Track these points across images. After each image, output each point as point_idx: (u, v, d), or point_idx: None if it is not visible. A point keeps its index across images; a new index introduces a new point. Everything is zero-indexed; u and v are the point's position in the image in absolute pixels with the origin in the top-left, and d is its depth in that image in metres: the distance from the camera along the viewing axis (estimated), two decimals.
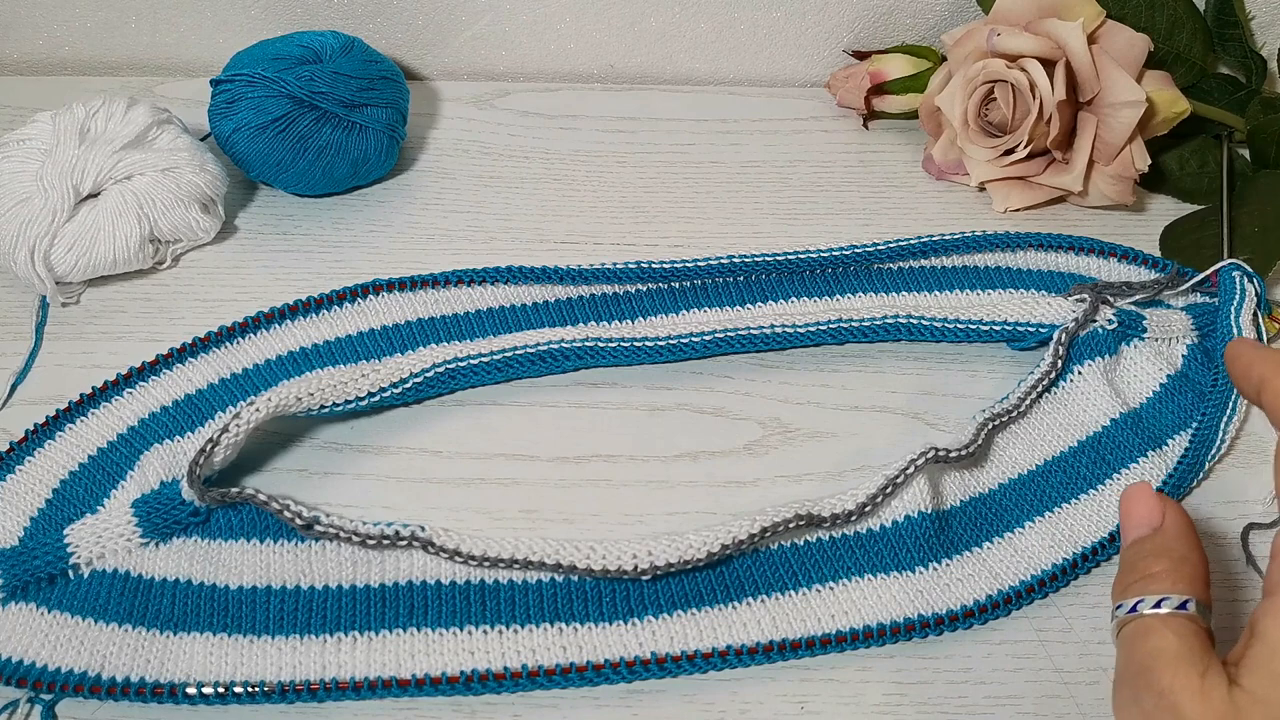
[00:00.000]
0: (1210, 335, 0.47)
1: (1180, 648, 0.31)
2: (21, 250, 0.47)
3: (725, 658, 0.39)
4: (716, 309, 0.50)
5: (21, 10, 0.60)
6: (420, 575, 0.40)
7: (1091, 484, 0.44)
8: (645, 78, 0.63)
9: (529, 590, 0.40)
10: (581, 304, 0.50)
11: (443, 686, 0.38)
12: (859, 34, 0.62)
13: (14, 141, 0.49)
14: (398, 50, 0.62)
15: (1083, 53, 0.50)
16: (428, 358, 0.46)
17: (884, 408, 0.47)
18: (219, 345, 0.47)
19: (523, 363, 0.46)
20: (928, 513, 0.41)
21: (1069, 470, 0.44)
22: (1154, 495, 0.35)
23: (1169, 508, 0.35)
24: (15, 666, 0.37)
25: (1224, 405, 0.45)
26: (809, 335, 0.48)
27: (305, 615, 0.39)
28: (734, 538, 0.39)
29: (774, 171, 0.57)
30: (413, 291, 0.49)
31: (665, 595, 0.40)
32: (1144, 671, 0.31)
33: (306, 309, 0.48)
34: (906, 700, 0.39)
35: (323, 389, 0.43)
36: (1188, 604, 0.32)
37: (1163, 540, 0.34)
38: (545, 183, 0.56)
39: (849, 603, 0.40)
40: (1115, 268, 0.51)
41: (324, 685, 0.37)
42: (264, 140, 0.50)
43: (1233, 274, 0.48)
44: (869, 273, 0.51)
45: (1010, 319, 0.48)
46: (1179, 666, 0.30)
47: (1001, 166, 0.54)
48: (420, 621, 0.39)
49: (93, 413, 0.44)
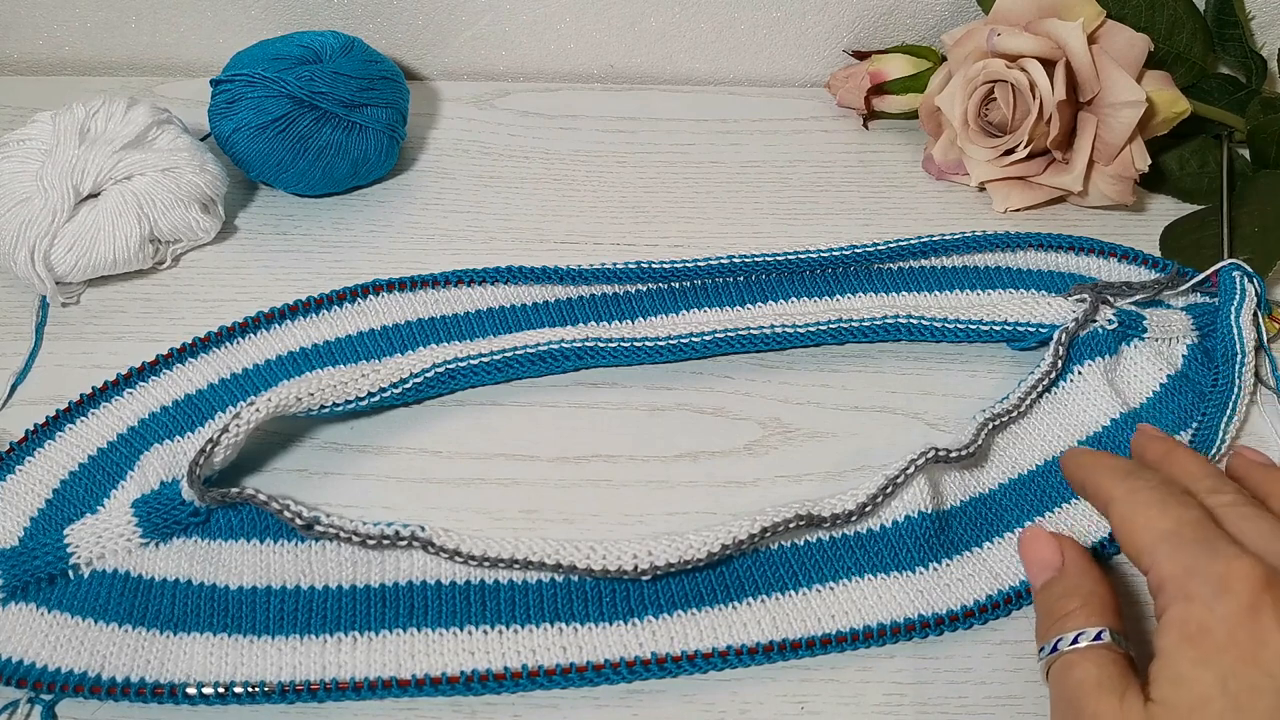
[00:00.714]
0: (1210, 335, 0.47)
1: (1100, 676, 0.33)
2: (21, 250, 0.47)
3: (725, 658, 0.38)
4: (716, 309, 0.50)
5: (21, 10, 0.60)
6: (420, 575, 0.40)
7: None
8: (645, 78, 0.63)
9: (529, 590, 0.40)
10: (581, 304, 0.50)
11: (443, 686, 0.38)
12: (859, 34, 0.62)
13: (14, 141, 0.49)
14: (398, 50, 0.62)
15: (1083, 53, 0.50)
16: (428, 358, 0.46)
17: (884, 408, 0.47)
18: (219, 345, 0.47)
19: (523, 363, 0.46)
20: (928, 513, 0.41)
21: None
22: (1050, 537, 0.39)
23: (1066, 546, 0.38)
24: (15, 667, 0.37)
25: (1224, 406, 0.45)
26: (809, 335, 0.48)
27: (305, 615, 0.39)
28: (734, 538, 0.39)
29: (774, 171, 0.57)
30: (413, 291, 0.49)
31: (665, 595, 0.40)
32: (1071, 704, 0.33)
33: (306, 309, 0.48)
34: (906, 700, 0.39)
35: (323, 389, 0.43)
36: (1102, 634, 0.34)
37: (1068, 580, 0.37)
38: (545, 183, 0.56)
39: (849, 603, 0.40)
40: (1115, 268, 0.51)
41: (324, 685, 0.37)
42: (264, 140, 0.50)
43: (1233, 274, 0.48)
44: (869, 273, 0.51)
45: (1010, 319, 0.48)
46: (1100, 694, 0.33)
47: (1001, 166, 0.54)
48: (420, 622, 0.39)
49: (93, 413, 0.44)
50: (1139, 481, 0.37)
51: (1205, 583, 0.32)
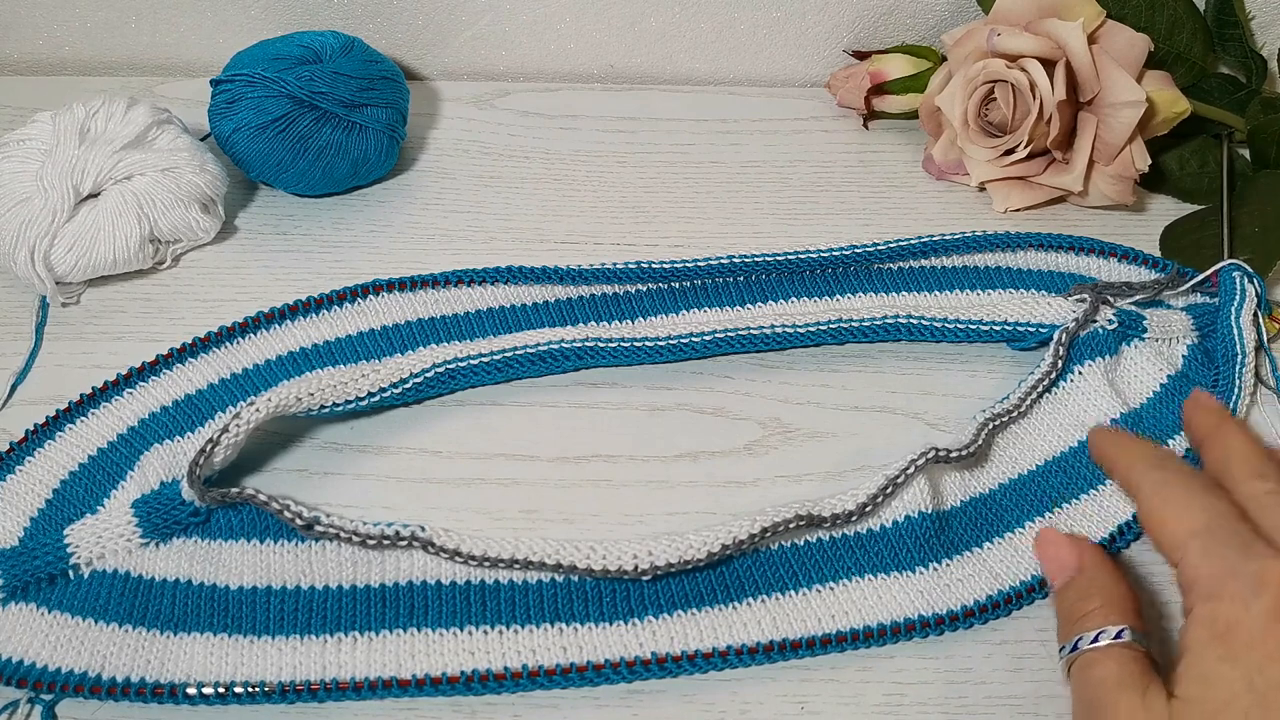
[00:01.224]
0: (1210, 336, 0.47)
1: (1121, 674, 0.33)
2: (21, 250, 0.47)
3: (725, 658, 0.39)
4: (716, 309, 0.50)
5: (21, 10, 0.60)
6: (420, 575, 0.40)
7: (1091, 484, 0.43)
8: (645, 78, 0.63)
9: (529, 590, 0.40)
10: (581, 304, 0.50)
11: (443, 687, 0.38)
12: (859, 34, 0.62)
13: (14, 141, 0.49)
14: (398, 50, 0.62)
15: (1083, 53, 0.50)
16: (428, 358, 0.46)
17: (884, 408, 0.47)
18: (219, 345, 0.47)
19: (523, 363, 0.46)
20: (928, 513, 0.41)
21: (1069, 470, 0.44)
22: (1067, 539, 0.39)
23: (1084, 548, 0.38)
24: (15, 667, 0.37)
25: None
26: (809, 335, 0.48)
27: (305, 615, 0.39)
28: (734, 538, 0.39)
29: (774, 171, 0.57)
30: (413, 291, 0.49)
31: (665, 595, 0.40)
32: (1093, 701, 0.33)
33: (307, 309, 0.48)
34: (906, 700, 0.39)
35: (323, 389, 0.43)
36: (1123, 633, 0.34)
37: (1087, 580, 0.37)
38: (545, 183, 0.56)
39: (849, 603, 0.40)
40: (1115, 268, 0.51)
41: (324, 685, 0.37)
42: (264, 140, 0.50)
43: (1233, 274, 0.48)
44: (869, 273, 0.51)
45: (1010, 319, 0.48)
46: (1122, 691, 0.33)
47: (1001, 166, 0.54)
48: (420, 622, 0.39)
49: (93, 413, 0.44)
50: (1168, 473, 0.37)
51: (1238, 582, 0.32)
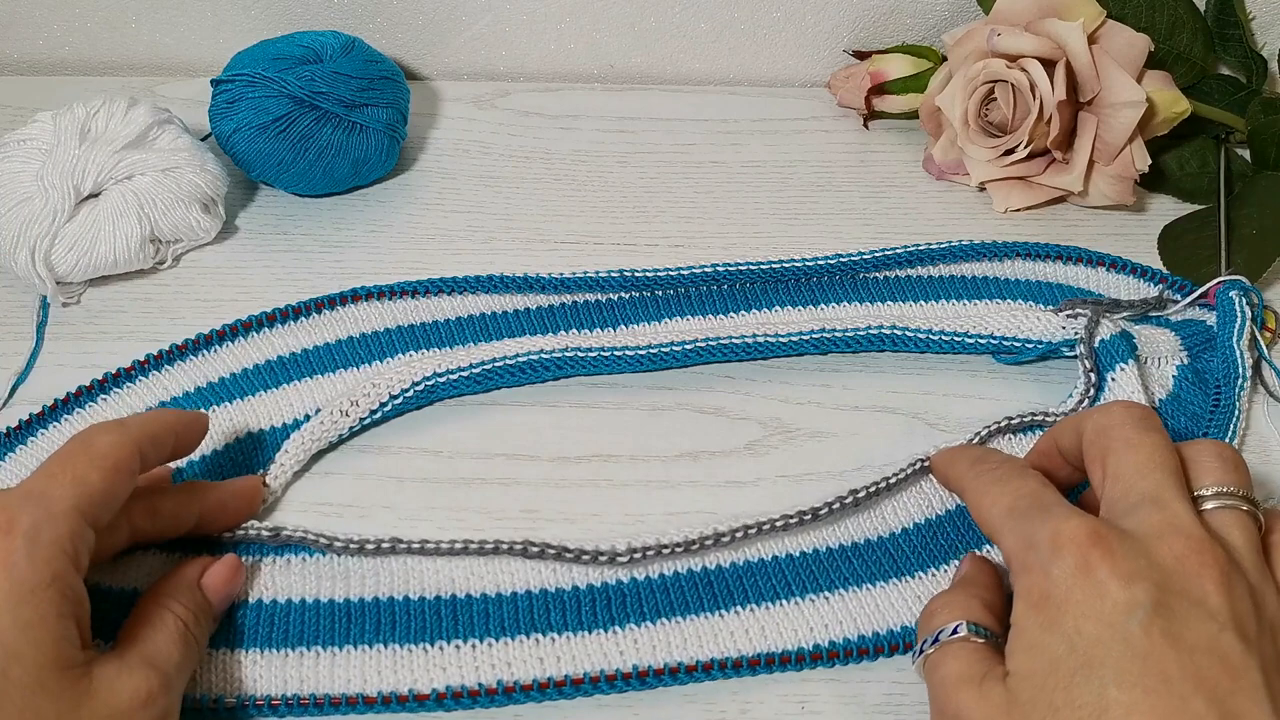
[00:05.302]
0: (1200, 356, 0.47)
1: (960, 669, 0.33)
2: (22, 250, 0.47)
3: (709, 671, 0.38)
4: (699, 317, 0.49)
5: (21, 10, 0.60)
6: (387, 591, 0.39)
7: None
8: (645, 78, 0.63)
9: (503, 602, 0.39)
10: (564, 311, 0.49)
11: (410, 704, 0.37)
12: (859, 34, 0.62)
13: (14, 141, 0.49)
14: (398, 50, 0.62)
15: (1083, 53, 0.50)
16: (406, 373, 0.45)
17: (884, 408, 0.47)
18: (195, 354, 0.46)
19: (503, 374, 0.46)
20: (930, 518, 0.41)
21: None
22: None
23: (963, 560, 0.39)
24: None
25: (1224, 429, 0.44)
26: (791, 345, 0.47)
27: (267, 629, 0.38)
28: (716, 531, 0.39)
29: (774, 171, 0.57)
30: (392, 300, 0.49)
31: (650, 604, 0.39)
32: (940, 701, 0.34)
33: (285, 317, 0.48)
34: (906, 700, 0.39)
35: (315, 439, 0.43)
36: (959, 628, 0.34)
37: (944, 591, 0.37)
38: (545, 183, 0.56)
39: (844, 612, 0.39)
40: (1104, 277, 0.51)
41: (285, 701, 0.37)
42: (264, 140, 0.50)
43: (1230, 294, 0.47)
44: (854, 281, 0.51)
45: (997, 332, 0.47)
46: (960, 687, 0.33)
47: (1002, 166, 0.54)
48: (387, 637, 0.38)
49: (54, 425, 0.44)
50: (985, 466, 0.37)
51: (1039, 549, 0.32)
